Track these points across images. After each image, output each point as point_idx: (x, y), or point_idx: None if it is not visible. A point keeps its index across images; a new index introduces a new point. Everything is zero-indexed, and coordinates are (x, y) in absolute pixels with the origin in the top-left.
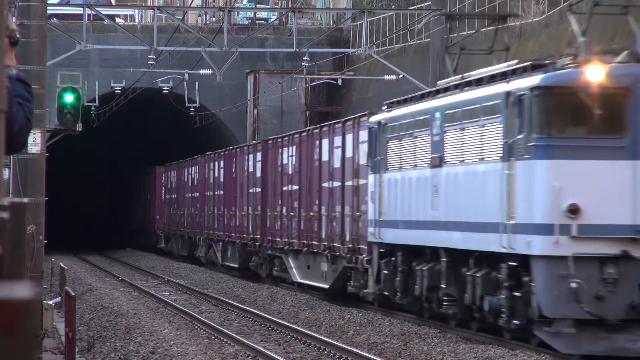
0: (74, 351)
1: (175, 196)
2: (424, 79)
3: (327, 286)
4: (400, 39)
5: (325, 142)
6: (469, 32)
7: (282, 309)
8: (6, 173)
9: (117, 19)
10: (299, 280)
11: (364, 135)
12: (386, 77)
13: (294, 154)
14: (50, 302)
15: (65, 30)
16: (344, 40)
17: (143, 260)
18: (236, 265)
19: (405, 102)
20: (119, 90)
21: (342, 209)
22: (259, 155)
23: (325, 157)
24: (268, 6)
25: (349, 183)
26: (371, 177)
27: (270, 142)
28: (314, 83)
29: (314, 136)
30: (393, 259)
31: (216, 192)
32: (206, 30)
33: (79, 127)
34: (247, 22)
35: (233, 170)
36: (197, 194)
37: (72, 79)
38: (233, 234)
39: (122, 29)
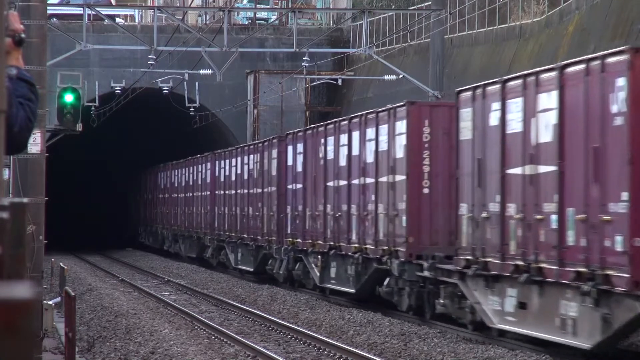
0: (74, 351)
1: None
2: (424, 79)
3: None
4: (400, 39)
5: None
6: (469, 32)
7: (282, 309)
8: (6, 173)
9: (117, 19)
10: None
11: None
12: (386, 77)
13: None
14: (50, 302)
15: (65, 30)
16: (344, 40)
17: (143, 261)
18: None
19: None
20: (119, 90)
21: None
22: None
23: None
24: (268, 6)
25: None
26: None
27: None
28: (314, 83)
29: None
30: None
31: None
32: (206, 30)
33: (79, 127)
34: (247, 22)
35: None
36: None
37: (72, 79)
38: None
39: (122, 29)
